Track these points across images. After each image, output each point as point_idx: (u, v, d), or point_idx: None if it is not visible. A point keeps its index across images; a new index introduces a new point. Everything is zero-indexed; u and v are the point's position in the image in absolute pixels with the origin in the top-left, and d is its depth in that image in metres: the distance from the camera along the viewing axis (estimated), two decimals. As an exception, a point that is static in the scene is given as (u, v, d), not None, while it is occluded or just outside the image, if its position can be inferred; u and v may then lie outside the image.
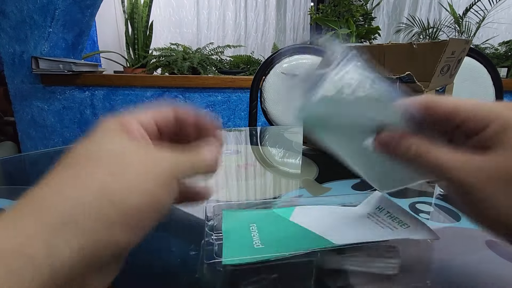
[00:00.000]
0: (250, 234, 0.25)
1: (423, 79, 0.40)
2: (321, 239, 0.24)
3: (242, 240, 0.24)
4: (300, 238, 0.24)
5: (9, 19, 1.41)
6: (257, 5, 2.28)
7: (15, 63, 1.47)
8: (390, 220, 0.27)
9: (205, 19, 2.25)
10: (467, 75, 1.01)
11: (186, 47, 1.84)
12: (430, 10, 2.24)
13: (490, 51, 1.84)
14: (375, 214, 0.28)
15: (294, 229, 0.26)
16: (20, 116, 1.56)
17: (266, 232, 0.25)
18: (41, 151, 0.64)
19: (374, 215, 0.28)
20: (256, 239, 0.24)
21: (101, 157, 0.17)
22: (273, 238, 0.24)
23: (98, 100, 1.59)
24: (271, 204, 0.31)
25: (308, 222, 0.26)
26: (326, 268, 0.22)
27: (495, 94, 1.02)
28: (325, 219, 0.28)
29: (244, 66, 1.88)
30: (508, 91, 1.61)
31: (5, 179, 0.51)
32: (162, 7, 2.18)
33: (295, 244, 0.24)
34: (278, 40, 2.35)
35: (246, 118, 1.65)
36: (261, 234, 0.25)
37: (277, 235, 0.25)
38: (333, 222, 0.27)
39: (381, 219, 0.27)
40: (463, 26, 1.88)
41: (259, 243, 0.23)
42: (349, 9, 1.70)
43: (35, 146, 1.61)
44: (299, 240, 0.24)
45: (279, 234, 0.25)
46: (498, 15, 1.96)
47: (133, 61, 1.81)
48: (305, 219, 0.27)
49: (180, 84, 1.59)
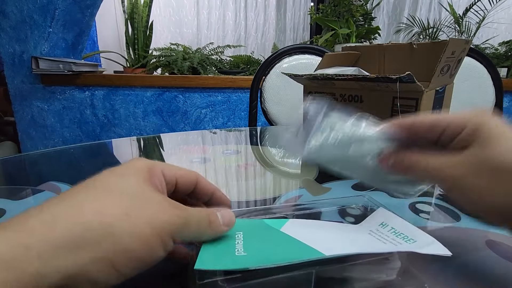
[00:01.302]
0: (234, 241, 0.22)
1: (423, 79, 0.40)
2: (312, 250, 0.22)
3: (224, 246, 0.22)
4: (288, 249, 0.22)
5: (9, 19, 1.41)
6: (257, 5, 2.28)
7: (15, 63, 1.47)
8: (394, 236, 0.24)
9: (205, 19, 2.25)
10: (467, 75, 1.01)
11: (186, 47, 1.84)
12: (430, 10, 2.24)
13: (490, 51, 1.84)
14: (377, 231, 0.26)
15: (283, 239, 0.24)
16: (20, 116, 1.56)
17: (252, 241, 0.23)
18: (41, 151, 0.64)
19: (377, 232, 0.26)
20: (239, 246, 0.22)
21: (125, 199, 0.18)
22: (258, 247, 0.22)
23: (98, 100, 1.59)
24: (264, 212, 0.30)
25: (301, 234, 0.24)
26: (322, 276, 0.22)
27: (495, 94, 1.02)
28: (320, 232, 0.25)
29: (244, 66, 1.88)
30: (508, 91, 1.61)
31: (5, 179, 0.51)
32: (162, 7, 2.19)
33: (282, 254, 0.21)
34: (278, 40, 2.35)
35: (246, 118, 1.65)
36: (246, 242, 0.22)
37: (263, 244, 0.23)
38: (329, 235, 0.25)
39: (384, 235, 0.25)
40: (463, 26, 1.88)
41: (241, 250, 0.21)
42: (349, 9, 1.70)
43: (35, 146, 1.61)
44: (286, 251, 0.22)
45: (266, 243, 0.23)
46: (498, 15, 1.96)
47: (133, 61, 1.81)
48: (298, 230, 0.25)
49: (180, 84, 1.59)
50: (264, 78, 1.08)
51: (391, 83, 0.39)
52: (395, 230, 0.25)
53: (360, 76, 0.41)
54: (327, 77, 0.45)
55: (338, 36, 1.70)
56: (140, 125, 1.65)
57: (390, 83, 0.39)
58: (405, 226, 0.25)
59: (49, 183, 0.45)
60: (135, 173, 0.20)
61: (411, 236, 0.24)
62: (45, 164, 0.58)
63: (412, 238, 0.23)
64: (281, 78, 1.06)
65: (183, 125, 1.67)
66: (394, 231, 0.25)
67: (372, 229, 0.26)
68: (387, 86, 0.40)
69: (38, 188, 0.43)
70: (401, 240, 0.23)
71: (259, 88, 1.08)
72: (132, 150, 0.70)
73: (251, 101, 1.07)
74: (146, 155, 0.67)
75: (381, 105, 0.43)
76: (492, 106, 1.03)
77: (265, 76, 1.08)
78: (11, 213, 0.36)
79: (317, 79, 0.48)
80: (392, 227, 0.25)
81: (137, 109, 1.62)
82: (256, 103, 1.08)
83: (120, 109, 1.61)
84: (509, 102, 1.66)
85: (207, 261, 0.20)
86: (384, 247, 0.23)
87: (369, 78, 0.40)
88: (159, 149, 0.70)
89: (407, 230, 0.25)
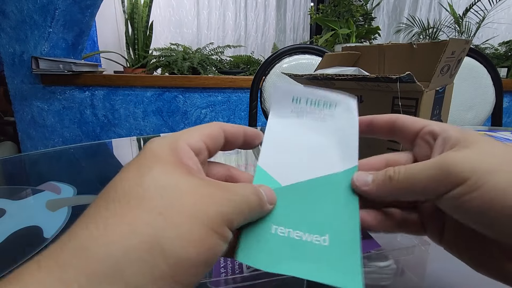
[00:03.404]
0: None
1: (423, 79, 0.40)
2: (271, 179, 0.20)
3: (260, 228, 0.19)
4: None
5: (9, 19, 1.41)
6: (257, 5, 2.28)
7: (15, 63, 1.47)
8: (315, 107, 0.23)
9: (205, 19, 2.25)
10: (467, 75, 1.01)
11: (186, 47, 1.84)
12: (430, 10, 2.24)
13: (490, 51, 1.84)
14: (298, 109, 0.23)
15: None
16: (20, 116, 1.56)
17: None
18: (41, 151, 0.64)
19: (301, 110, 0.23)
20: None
21: (153, 197, 0.14)
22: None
23: (98, 100, 1.59)
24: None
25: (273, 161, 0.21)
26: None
27: (495, 94, 1.02)
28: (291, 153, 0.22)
29: (244, 66, 1.88)
30: (508, 91, 1.61)
31: (5, 179, 0.51)
32: (162, 7, 2.19)
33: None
34: (278, 40, 2.35)
35: (246, 118, 1.65)
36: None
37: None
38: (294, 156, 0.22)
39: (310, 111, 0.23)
40: (463, 26, 1.88)
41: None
42: (349, 9, 1.70)
43: (35, 146, 1.61)
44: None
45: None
46: (498, 15, 1.96)
47: (133, 61, 1.81)
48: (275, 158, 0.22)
49: (180, 84, 1.59)
50: (264, 78, 1.08)
51: (391, 83, 0.39)
52: (311, 100, 0.23)
53: (360, 76, 0.41)
54: (327, 77, 0.45)
55: (338, 36, 1.70)
56: (140, 125, 1.65)
57: (390, 83, 0.39)
58: (312, 91, 0.23)
59: (49, 183, 0.45)
60: (158, 163, 0.16)
61: (329, 100, 0.23)
62: (45, 164, 0.58)
63: (332, 103, 0.23)
64: (281, 78, 1.06)
65: (183, 125, 1.67)
66: (311, 101, 0.23)
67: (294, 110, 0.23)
68: (387, 86, 0.40)
69: (38, 188, 0.43)
70: (327, 110, 0.23)
71: (259, 88, 1.08)
72: (132, 150, 0.70)
73: (251, 101, 1.07)
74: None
75: (381, 105, 0.43)
76: (492, 106, 1.03)
77: (265, 76, 1.08)
78: (11, 213, 0.36)
79: (317, 79, 0.48)
80: (306, 97, 0.23)
81: (137, 109, 1.62)
82: (256, 103, 1.08)
83: (120, 109, 1.61)
84: (509, 102, 1.66)
85: (251, 252, 0.17)
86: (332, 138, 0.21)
87: (369, 78, 0.40)
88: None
89: (320, 96, 0.23)
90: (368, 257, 0.22)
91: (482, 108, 1.04)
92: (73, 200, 0.40)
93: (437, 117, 0.46)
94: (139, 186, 0.15)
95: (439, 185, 0.17)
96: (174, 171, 0.16)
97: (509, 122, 1.70)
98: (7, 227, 0.33)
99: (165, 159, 0.16)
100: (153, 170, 0.15)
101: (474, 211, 0.16)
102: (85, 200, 0.40)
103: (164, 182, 0.15)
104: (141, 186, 0.15)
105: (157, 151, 0.16)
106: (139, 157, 0.16)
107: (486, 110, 1.04)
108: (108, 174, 0.54)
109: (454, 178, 0.16)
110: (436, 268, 0.25)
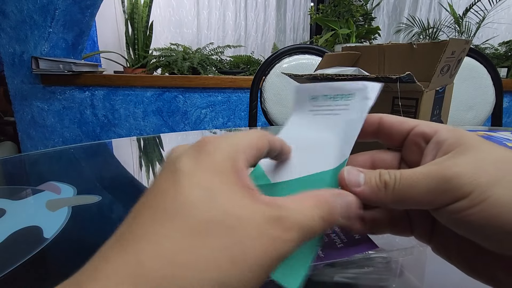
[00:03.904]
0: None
1: (423, 79, 0.40)
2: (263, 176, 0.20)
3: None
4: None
5: (9, 19, 1.41)
6: (257, 5, 2.28)
7: (15, 63, 1.47)
8: (332, 102, 0.22)
9: (205, 19, 2.25)
10: (467, 75, 1.01)
11: (186, 47, 1.84)
12: (430, 10, 2.24)
13: (490, 51, 1.84)
14: (317, 107, 0.23)
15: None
16: (20, 116, 1.56)
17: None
18: (41, 151, 0.64)
19: (318, 109, 0.23)
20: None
21: (221, 232, 0.12)
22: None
23: (98, 100, 1.59)
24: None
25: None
26: (314, 280, 0.21)
27: (495, 94, 1.02)
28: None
29: (244, 66, 1.88)
30: (508, 91, 1.61)
31: (5, 179, 0.51)
32: (162, 7, 2.19)
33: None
34: (278, 40, 2.35)
35: (246, 118, 1.65)
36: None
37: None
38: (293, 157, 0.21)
39: (326, 108, 0.22)
40: (463, 26, 1.88)
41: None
42: (349, 9, 1.71)
43: (35, 146, 1.61)
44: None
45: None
46: (498, 15, 1.96)
47: (133, 61, 1.81)
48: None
49: (180, 84, 1.59)
50: (264, 78, 1.08)
51: (391, 83, 0.39)
52: (328, 96, 0.22)
53: (360, 76, 0.41)
54: (327, 77, 0.45)
55: (338, 36, 1.70)
56: (140, 125, 1.65)
57: (390, 83, 0.39)
58: (330, 86, 0.22)
59: (49, 183, 0.45)
60: (220, 178, 0.14)
61: (346, 92, 0.22)
62: (45, 164, 0.58)
63: (349, 94, 0.22)
64: (281, 78, 1.06)
65: (183, 125, 1.67)
66: (328, 97, 0.22)
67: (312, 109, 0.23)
68: (387, 86, 0.40)
69: (38, 188, 0.43)
70: (343, 102, 0.22)
71: (259, 88, 1.08)
72: (132, 150, 0.70)
73: (251, 101, 1.07)
74: (146, 155, 0.67)
75: (381, 105, 0.43)
76: (492, 106, 1.03)
77: (265, 76, 1.08)
78: (11, 213, 0.36)
79: (317, 79, 0.48)
80: (323, 95, 0.23)
81: (137, 109, 1.62)
82: (256, 103, 1.08)
83: (120, 109, 1.61)
84: (509, 102, 1.66)
85: (289, 272, 0.15)
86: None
87: (369, 78, 0.40)
88: (159, 149, 0.70)
89: (337, 89, 0.22)
90: (366, 258, 0.22)
91: (482, 108, 1.04)
92: (73, 200, 0.40)
93: (437, 117, 0.46)
94: (214, 218, 0.12)
95: (438, 198, 0.16)
96: (242, 197, 0.13)
97: (509, 122, 1.70)
98: (7, 227, 0.33)
99: (228, 178, 0.14)
100: (222, 195, 0.13)
101: (475, 225, 0.15)
102: (85, 200, 0.40)
103: (232, 212, 0.13)
104: (216, 218, 0.12)
105: (220, 165, 0.14)
106: (198, 164, 0.14)
107: (486, 110, 1.04)
108: (108, 174, 0.54)
109: (456, 192, 0.15)
110: (435, 269, 0.25)
